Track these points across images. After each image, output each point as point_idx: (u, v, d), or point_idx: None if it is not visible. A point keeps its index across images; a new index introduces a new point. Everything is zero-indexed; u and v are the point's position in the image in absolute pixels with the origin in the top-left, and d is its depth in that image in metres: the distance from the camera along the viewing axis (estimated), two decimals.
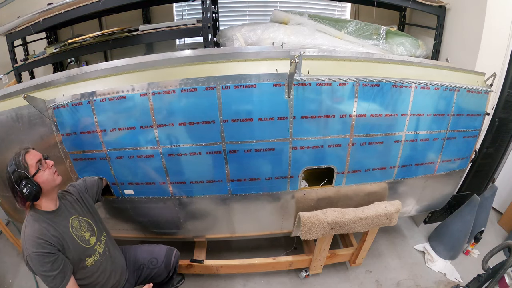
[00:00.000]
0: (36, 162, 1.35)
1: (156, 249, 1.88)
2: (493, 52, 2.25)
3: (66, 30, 3.24)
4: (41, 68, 3.22)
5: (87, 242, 1.49)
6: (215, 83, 1.59)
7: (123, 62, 1.72)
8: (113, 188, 1.90)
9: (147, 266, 1.80)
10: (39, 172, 1.34)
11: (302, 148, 1.78)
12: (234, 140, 1.72)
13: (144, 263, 1.80)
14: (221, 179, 1.84)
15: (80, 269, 1.44)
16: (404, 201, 2.20)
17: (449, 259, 2.59)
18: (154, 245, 1.92)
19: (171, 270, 1.87)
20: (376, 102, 1.77)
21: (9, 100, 1.76)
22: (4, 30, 2.67)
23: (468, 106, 2.01)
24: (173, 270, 1.89)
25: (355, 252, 2.35)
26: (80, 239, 1.46)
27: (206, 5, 2.18)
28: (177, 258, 1.89)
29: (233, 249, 2.64)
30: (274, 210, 2.04)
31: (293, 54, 1.57)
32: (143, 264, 1.80)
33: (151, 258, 1.82)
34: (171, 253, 1.88)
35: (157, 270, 1.82)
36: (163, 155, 1.75)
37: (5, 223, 2.60)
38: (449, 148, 2.08)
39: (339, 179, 1.94)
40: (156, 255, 1.84)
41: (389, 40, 2.60)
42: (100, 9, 2.30)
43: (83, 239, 1.48)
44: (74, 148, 1.77)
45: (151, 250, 1.87)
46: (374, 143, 1.87)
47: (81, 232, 1.49)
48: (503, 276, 1.57)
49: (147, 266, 1.80)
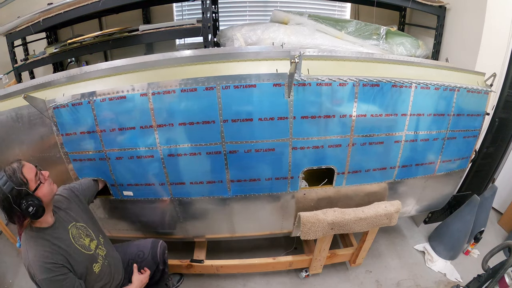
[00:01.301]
0: (34, 176, 1.24)
1: (142, 242, 1.88)
2: (493, 52, 2.25)
3: (66, 30, 3.23)
4: (41, 68, 3.21)
5: (88, 248, 1.47)
6: (215, 83, 1.59)
7: (123, 62, 1.72)
8: (112, 189, 1.89)
9: (135, 260, 1.80)
10: (39, 187, 1.23)
11: (302, 148, 1.78)
12: (234, 141, 1.72)
13: (132, 258, 1.80)
14: (221, 179, 1.84)
15: (90, 278, 1.42)
16: (404, 201, 2.20)
17: (449, 259, 2.59)
18: (140, 240, 1.92)
19: (160, 262, 1.86)
20: (376, 102, 1.77)
21: (9, 100, 1.76)
22: (4, 30, 2.66)
23: (468, 106, 2.00)
24: (162, 262, 1.87)
25: (355, 252, 2.35)
26: (83, 248, 1.43)
27: (206, 5, 2.17)
28: (162, 248, 1.88)
29: (233, 249, 2.63)
30: (274, 210, 2.04)
31: (293, 54, 1.57)
32: (131, 259, 1.80)
33: (137, 252, 1.82)
34: (156, 244, 1.87)
35: (145, 263, 1.81)
36: (163, 155, 1.75)
37: (5, 223, 2.60)
38: (449, 148, 2.08)
39: (339, 179, 1.94)
40: (142, 248, 1.84)
41: (389, 40, 2.59)
42: (100, 9, 2.29)
43: (85, 247, 1.45)
44: (74, 148, 1.76)
45: (137, 244, 1.87)
46: (374, 143, 1.87)
47: (81, 240, 1.46)
48: (503, 276, 1.57)
49: (135, 260, 1.80)
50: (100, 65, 1.74)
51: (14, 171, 1.19)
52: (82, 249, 1.42)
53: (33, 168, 1.26)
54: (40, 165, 1.34)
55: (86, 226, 1.54)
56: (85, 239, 1.48)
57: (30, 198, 1.19)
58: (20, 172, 1.20)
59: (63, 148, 1.76)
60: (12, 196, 1.16)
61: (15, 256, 2.57)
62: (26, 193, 1.19)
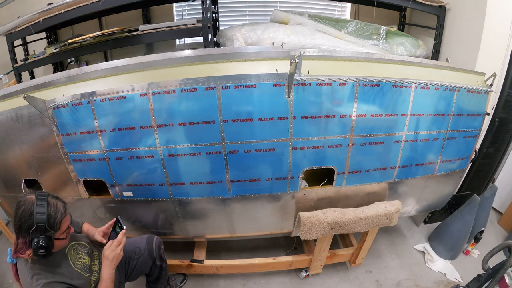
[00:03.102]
0: (66, 228, 1.29)
1: (137, 239, 1.88)
2: (493, 52, 2.25)
3: (66, 30, 3.23)
4: (41, 68, 3.21)
5: (89, 268, 1.47)
6: (215, 83, 1.59)
7: (123, 62, 1.72)
8: (111, 190, 1.89)
9: (132, 257, 1.81)
10: (61, 238, 1.27)
11: (302, 148, 1.78)
12: (234, 141, 1.72)
13: (129, 256, 1.81)
14: (221, 180, 1.84)
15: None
16: (404, 201, 2.20)
17: (449, 259, 2.59)
18: (135, 237, 1.92)
19: (156, 257, 1.86)
20: (376, 102, 1.77)
21: (9, 100, 1.76)
22: (4, 30, 2.66)
23: (468, 106, 2.00)
24: (158, 258, 1.87)
25: (355, 252, 2.34)
26: (83, 270, 1.43)
27: (206, 5, 2.17)
28: (158, 243, 1.88)
29: (233, 249, 2.64)
30: (274, 210, 2.04)
31: (293, 54, 1.57)
32: (128, 257, 1.80)
33: (134, 249, 1.82)
34: (151, 239, 1.88)
35: (142, 259, 1.81)
36: (163, 155, 1.75)
37: (5, 223, 2.60)
38: (449, 148, 2.08)
39: (340, 179, 1.94)
40: (138, 245, 1.84)
41: (389, 40, 2.59)
42: (100, 9, 2.29)
43: (85, 267, 1.45)
44: (74, 148, 1.76)
45: (133, 241, 1.87)
46: (374, 143, 1.87)
47: (81, 260, 1.45)
48: (503, 276, 1.57)
49: (132, 258, 1.81)
50: (100, 65, 1.74)
51: (56, 214, 1.22)
52: (82, 272, 1.42)
53: (68, 220, 1.30)
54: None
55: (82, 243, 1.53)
56: (85, 258, 1.48)
57: (48, 242, 1.20)
58: (60, 219, 1.23)
59: (63, 148, 1.76)
60: (36, 229, 1.17)
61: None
62: (49, 236, 1.20)
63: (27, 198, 1.22)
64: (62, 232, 1.26)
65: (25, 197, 1.23)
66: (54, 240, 1.24)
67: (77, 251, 1.47)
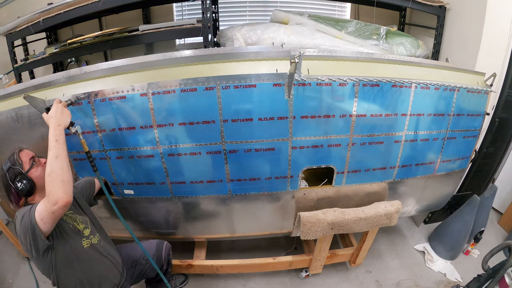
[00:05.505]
0: (29, 159, 1.39)
1: (147, 244, 1.86)
2: (493, 52, 2.25)
3: (66, 30, 3.24)
4: (41, 68, 3.22)
5: (81, 232, 1.48)
6: (215, 83, 1.59)
7: (123, 62, 1.72)
8: (113, 188, 1.90)
9: (140, 262, 1.80)
10: (32, 168, 1.38)
11: (302, 148, 1.78)
12: (234, 140, 1.72)
13: (137, 260, 1.80)
14: (221, 179, 1.84)
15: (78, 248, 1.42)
16: (404, 201, 2.20)
17: (449, 259, 2.59)
18: (144, 241, 1.90)
19: (164, 263, 1.85)
20: (376, 102, 1.77)
21: (9, 100, 1.76)
22: (4, 30, 2.67)
23: (468, 106, 2.01)
24: (166, 263, 1.87)
25: (355, 252, 2.34)
26: (74, 227, 1.45)
27: (206, 5, 2.18)
28: (167, 250, 1.88)
29: (233, 249, 2.64)
30: (274, 210, 2.04)
31: (293, 54, 1.57)
32: (136, 261, 1.79)
33: (142, 254, 1.80)
34: (161, 246, 1.87)
35: (150, 265, 1.80)
36: (163, 155, 1.75)
37: (5, 223, 2.60)
38: (449, 148, 2.08)
39: (339, 179, 1.94)
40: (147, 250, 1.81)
41: (389, 40, 2.59)
42: (100, 9, 2.29)
43: (78, 229, 1.46)
44: (74, 148, 1.76)
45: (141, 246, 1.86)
46: (374, 143, 1.87)
47: (75, 223, 1.47)
48: (503, 276, 1.57)
49: (140, 262, 1.79)
50: (100, 65, 1.74)
51: (13, 154, 1.39)
52: (73, 227, 1.43)
53: (30, 153, 1.43)
54: None
55: (84, 219, 1.54)
56: (80, 225, 1.49)
57: (21, 177, 1.34)
58: (17, 154, 1.38)
59: None
60: (9, 174, 1.34)
61: (15, 256, 2.57)
62: (19, 172, 1.35)
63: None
64: (26, 163, 1.37)
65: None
66: (28, 173, 1.36)
67: (74, 215, 1.50)
